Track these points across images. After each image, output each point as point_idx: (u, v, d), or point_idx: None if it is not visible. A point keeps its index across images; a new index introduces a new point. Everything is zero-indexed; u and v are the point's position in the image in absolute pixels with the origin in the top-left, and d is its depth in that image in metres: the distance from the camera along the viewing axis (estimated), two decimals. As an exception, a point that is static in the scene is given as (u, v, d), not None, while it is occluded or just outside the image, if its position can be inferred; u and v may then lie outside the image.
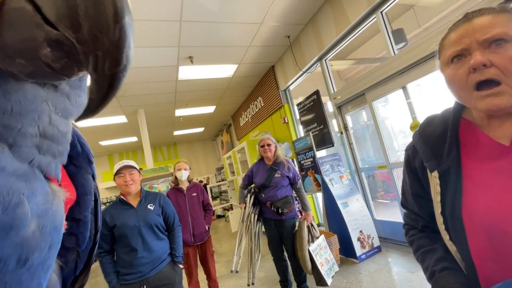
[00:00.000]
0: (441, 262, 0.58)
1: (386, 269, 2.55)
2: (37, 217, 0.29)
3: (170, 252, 1.64)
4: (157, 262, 1.56)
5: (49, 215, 0.31)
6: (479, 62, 0.49)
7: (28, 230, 0.27)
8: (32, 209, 0.28)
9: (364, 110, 5.30)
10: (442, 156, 0.58)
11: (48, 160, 0.32)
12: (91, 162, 0.47)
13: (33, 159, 0.30)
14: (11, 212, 0.25)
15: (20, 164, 0.28)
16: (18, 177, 0.27)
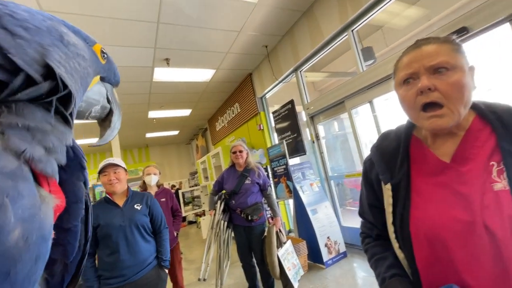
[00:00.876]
0: (391, 269, 0.63)
1: (350, 274, 2.66)
2: (22, 223, 0.26)
3: (157, 255, 1.55)
4: (142, 266, 1.46)
5: (36, 222, 0.28)
6: (425, 86, 0.55)
7: (11, 238, 0.24)
8: (16, 213, 0.25)
9: (336, 121, 5.55)
10: (395, 170, 0.64)
11: (40, 153, 0.29)
12: (83, 168, 0.45)
13: (25, 150, 0.27)
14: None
15: (10, 159, 0.26)
16: (4, 175, 0.25)
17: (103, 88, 0.48)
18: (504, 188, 0.52)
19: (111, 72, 0.50)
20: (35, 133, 0.29)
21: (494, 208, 0.51)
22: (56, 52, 0.33)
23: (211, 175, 5.76)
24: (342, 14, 2.80)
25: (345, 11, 2.76)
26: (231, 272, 3.00)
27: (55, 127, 0.33)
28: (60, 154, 0.33)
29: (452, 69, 0.56)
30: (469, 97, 0.57)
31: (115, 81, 0.52)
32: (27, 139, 0.28)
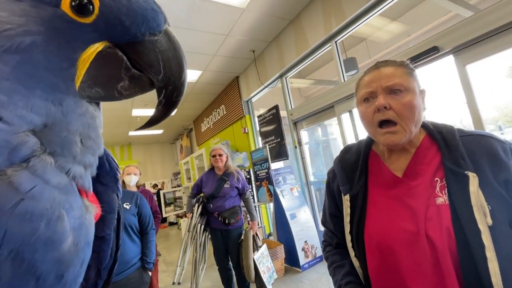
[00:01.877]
0: (346, 277, 0.67)
1: (325, 277, 2.72)
2: (73, 231, 0.28)
3: (141, 257, 1.52)
4: (126, 266, 1.42)
5: (83, 230, 0.31)
6: (381, 104, 0.60)
7: (66, 245, 0.27)
8: (70, 223, 0.28)
9: (320, 127, 5.67)
10: (354, 181, 0.68)
11: (81, 171, 0.32)
12: (117, 181, 0.47)
13: (70, 168, 0.30)
14: (53, 226, 0.25)
15: (62, 176, 0.29)
16: (60, 190, 0.28)
17: None
18: (444, 203, 0.57)
19: (120, 24, 0.32)
20: (75, 155, 0.32)
21: (436, 220, 0.56)
22: None
23: (193, 176, 5.71)
24: (326, 25, 2.89)
25: (330, 22, 2.85)
26: (208, 275, 2.98)
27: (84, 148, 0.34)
28: (94, 167, 0.36)
29: (405, 91, 0.61)
30: (419, 116, 0.62)
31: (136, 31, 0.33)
32: (70, 160, 0.31)
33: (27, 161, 0.26)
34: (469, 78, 1.90)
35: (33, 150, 0.27)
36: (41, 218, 0.25)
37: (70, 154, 0.31)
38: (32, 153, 0.27)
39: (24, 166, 0.26)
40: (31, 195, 0.25)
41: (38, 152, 0.27)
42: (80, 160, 0.32)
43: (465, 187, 0.54)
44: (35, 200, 0.25)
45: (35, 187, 0.25)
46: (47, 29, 0.29)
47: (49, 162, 0.28)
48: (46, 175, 0.27)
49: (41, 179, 0.26)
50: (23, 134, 0.27)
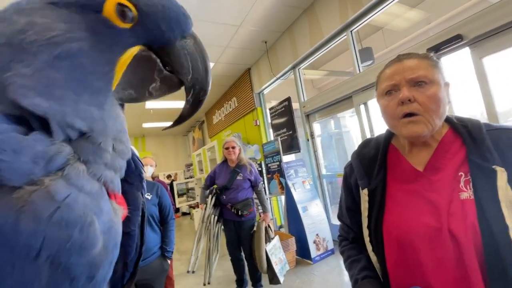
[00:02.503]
0: (363, 271, 0.66)
1: (337, 270, 2.73)
2: (104, 235, 0.30)
3: (161, 245, 1.57)
4: (147, 254, 1.48)
5: (112, 233, 0.32)
6: (405, 97, 0.58)
7: (97, 249, 0.28)
8: (100, 227, 0.29)
9: (333, 120, 5.58)
10: (372, 176, 0.67)
11: (111, 176, 0.33)
12: (142, 179, 0.49)
13: (101, 174, 0.31)
14: (86, 232, 0.27)
15: (94, 183, 0.30)
16: (92, 197, 0.29)
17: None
18: (469, 198, 0.55)
19: (157, 28, 0.34)
20: (106, 161, 0.33)
21: (459, 215, 0.55)
22: (17, 75, 0.27)
23: (206, 168, 5.79)
24: (342, 13, 2.80)
25: (346, 11, 2.75)
26: (220, 265, 3.05)
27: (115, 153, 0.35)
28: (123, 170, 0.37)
29: (430, 83, 0.59)
30: (444, 110, 0.60)
31: (170, 34, 0.36)
32: (101, 166, 0.32)
33: (62, 169, 0.27)
34: (485, 71, 1.81)
35: (67, 159, 0.28)
36: (75, 224, 0.26)
37: (102, 161, 0.32)
38: (66, 162, 0.28)
39: (60, 175, 0.27)
40: (66, 203, 0.26)
41: (72, 161, 0.29)
42: (111, 165, 0.33)
43: (492, 182, 0.52)
44: (70, 208, 0.26)
45: (70, 195, 0.27)
46: (91, 34, 0.31)
47: (82, 170, 0.29)
48: (79, 183, 0.28)
49: (75, 187, 0.27)
50: (59, 144, 0.28)
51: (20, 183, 0.24)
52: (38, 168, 0.26)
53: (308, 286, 2.47)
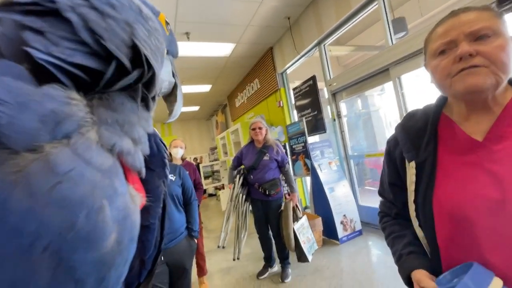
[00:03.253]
0: (408, 247, 0.64)
1: (365, 251, 2.71)
2: (117, 226, 0.24)
3: (187, 226, 1.60)
4: (176, 234, 1.51)
5: (128, 224, 0.26)
6: (465, 51, 0.51)
7: (108, 243, 0.23)
8: (113, 216, 0.23)
9: (359, 98, 5.33)
10: (420, 148, 0.62)
11: (129, 146, 0.28)
12: (165, 165, 0.43)
13: (115, 143, 0.26)
14: (93, 219, 0.21)
15: (106, 156, 0.25)
16: (103, 173, 0.23)
17: (168, 62, 0.45)
18: None
19: (173, 44, 0.46)
20: (124, 125, 0.28)
21: None
22: (140, 30, 0.30)
23: (230, 150, 5.89)
24: (373, -20, 2.57)
25: (377, -24, 2.52)
26: (248, 243, 3.16)
27: (140, 115, 0.31)
28: (144, 144, 0.32)
29: (495, 35, 0.51)
30: (511, 66, 0.52)
31: (176, 52, 0.48)
32: (117, 132, 0.27)
33: (69, 137, 0.22)
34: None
35: (79, 125, 0.23)
36: (80, 207, 0.21)
37: (118, 122, 0.27)
38: (78, 128, 0.23)
39: (65, 142, 0.22)
40: (69, 178, 0.21)
41: (84, 128, 0.24)
42: (129, 131, 0.28)
43: None
44: (74, 184, 0.21)
45: (75, 169, 0.21)
46: None
47: (94, 139, 0.24)
48: (87, 154, 0.23)
49: (82, 159, 0.22)
50: (76, 102, 0.24)
51: (21, 146, 0.20)
52: (45, 130, 0.21)
53: (336, 265, 2.48)
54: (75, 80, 0.25)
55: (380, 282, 2.06)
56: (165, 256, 1.46)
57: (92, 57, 0.26)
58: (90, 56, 0.26)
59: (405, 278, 0.61)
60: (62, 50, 0.24)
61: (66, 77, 0.24)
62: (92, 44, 0.26)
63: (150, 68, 0.30)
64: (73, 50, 0.25)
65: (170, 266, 1.49)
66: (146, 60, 0.29)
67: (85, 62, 0.25)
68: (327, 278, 2.26)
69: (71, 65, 0.24)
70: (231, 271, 2.71)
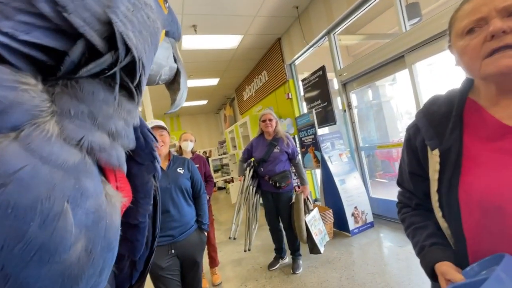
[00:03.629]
0: (431, 238, 0.61)
1: (376, 243, 2.68)
2: (86, 233, 0.21)
3: (197, 219, 1.61)
4: (186, 227, 1.52)
5: (101, 230, 0.23)
6: (498, 28, 0.47)
7: (72, 253, 0.20)
8: (80, 221, 0.20)
9: (370, 89, 5.21)
10: (445, 135, 0.59)
11: (103, 141, 0.24)
12: (154, 158, 0.39)
13: (82, 138, 0.22)
14: (50, 227, 0.18)
15: (72, 151, 0.21)
16: (66, 172, 0.20)
17: (169, 45, 0.41)
18: None
19: (174, 24, 0.41)
20: (95, 117, 0.24)
21: None
22: (121, 3, 0.25)
23: (239, 144, 5.89)
24: (386, -37, 2.46)
25: (390, -41, 2.41)
26: (258, 234, 3.18)
27: (120, 105, 0.27)
28: (126, 138, 0.28)
29: None
30: None
31: (178, 35, 0.43)
32: (85, 125, 0.23)
33: (19, 129, 0.19)
34: None
35: (32, 115, 0.19)
36: (32, 213, 0.17)
37: (86, 113, 0.23)
38: (31, 118, 0.19)
39: (13, 136, 0.18)
40: (17, 180, 0.17)
41: (41, 118, 0.20)
42: (103, 124, 0.24)
43: None
44: (24, 187, 0.17)
45: (25, 168, 0.18)
46: None
47: (52, 131, 0.20)
48: (44, 149, 0.19)
49: (36, 155, 0.19)
50: (25, 90, 0.19)
51: None
52: None
53: (347, 257, 2.47)
54: (35, 63, 0.21)
55: (393, 274, 2.04)
56: (176, 249, 1.47)
57: (54, 34, 0.21)
58: (51, 33, 0.21)
59: (429, 271, 0.59)
60: (14, 25, 0.20)
61: (19, 58, 0.20)
62: (54, 17, 0.21)
63: (128, 50, 0.25)
64: (29, 25, 0.20)
65: (181, 258, 1.51)
66: (124, 40, 0.25)
67: (44, 40, 0.21)
68: (339, 269, 2.25)
69: (25, 44, 0.20)
70: (242, 262, 2.74)
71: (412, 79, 2.58)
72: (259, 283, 2.27)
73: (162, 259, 1.44)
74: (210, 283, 2.45)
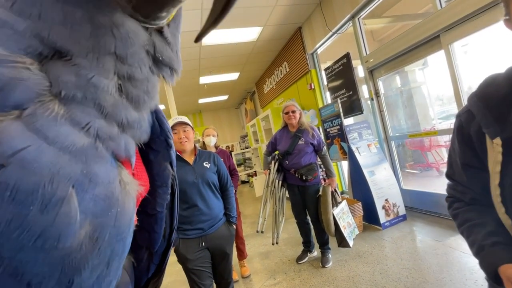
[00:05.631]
0: (491, 237, 0.55)
1: (410, 236, 2.55)
2: (92, 219, 0.20)
3: (225, 212, 1.63)
4: (215, 220, 1.53)
5: (111, 218, 0.22)
6: None
7: (75, 240, 0.19)
8: (86, 208, 0.19)
9: (398, 75, 4.90)
10: (507, 121, 0.52)
11: (110, 131, 0.23)
12: (169, 146, 0.38)
13: (89, 123, 0.21)
14: (51, 213, 0.17)
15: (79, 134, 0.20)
16: (73, 155, 0.19)
17: None
18: None
19: None
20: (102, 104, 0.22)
21: None
22: None
23: (261, 137, 5.87)
24: None
25: None
26: (285, 227, 3.16)
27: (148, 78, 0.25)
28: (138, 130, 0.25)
29: None
30: None
31: None
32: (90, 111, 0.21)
33: (22, 107, 0.18)
34: None
35: (37, 93, 0.18)
36: (33, 197, 0.16)
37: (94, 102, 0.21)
38: (35, 98, 0.18)
39: (16, 114, 0.17)
40: (18, 160, 0.16)
41: (44, 97, 0.19)
42: (111, 113, 0.22)
43: None
44: (25, 168, 0.16)
45: (28, 148, 0.17)
46: None
47: (58, 111, 0.19)
48: (50, 130, 0.18)
49: (41, 135, 0.18)
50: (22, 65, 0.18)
51: None
52: None
53: (380, 251, 2.38)
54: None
55: (432, 270, 1.93)
56: (206, 241, 1.50)
57: None
58: None
59: (491, 273, 0.53)
60: None
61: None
62: None
63: None
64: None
65: (212, 251, 1.54)
66: None
67: None
68: (371, 263, 2.17)
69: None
70: (270, 255, 2.75)
71: (450, 60, 2.37)
72: (288, 276, 2.26)
73: (193, 252, 1.47)
74: (239, 275, 2.48)
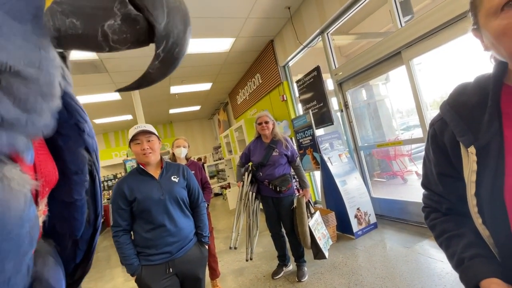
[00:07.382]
0: (470, 248, 0.53)
1: (381, 244, 2.60)
2: None
3: (196, 231, 1.45)
4: (185, 242, 1.36)
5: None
6: None
7: None
8: None
9: (364, 88, 5.20)
10: (480, 129, 0.51)
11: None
12: (82, 131, 0.36)
13: None
14: None
15: None
16: None
17: None
18: None
19: None
20: None
21: None
22: None
23: (234, 148, 5.79)
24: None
25: (382, -45, 2.38)
26: (260, 241, 3.07)
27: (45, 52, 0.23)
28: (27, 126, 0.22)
29: None
30: None
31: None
32: None
33: None
34: None
35: None
36: None
37: None
38: None
39: None
40: None
41: None
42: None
43: None
44: None
45: None
46: None
47: None
48: None
49: None
50: None
51: None
52: None
53: (353, 260, 2.38)
54: None
55: (404, 278, 1.96)
56: (174, 267, 1.32)
57: None
58: None
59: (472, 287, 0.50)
60: None
61: None
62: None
63: None
64: None
65: (181, 277, 1.36)
66: None
67: None
68: (346, 274, 2.16)
69: None
70: (244, 272, 2.62)
71: (410, 75, 2.54)
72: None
73: (159, 280, 1.29)
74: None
